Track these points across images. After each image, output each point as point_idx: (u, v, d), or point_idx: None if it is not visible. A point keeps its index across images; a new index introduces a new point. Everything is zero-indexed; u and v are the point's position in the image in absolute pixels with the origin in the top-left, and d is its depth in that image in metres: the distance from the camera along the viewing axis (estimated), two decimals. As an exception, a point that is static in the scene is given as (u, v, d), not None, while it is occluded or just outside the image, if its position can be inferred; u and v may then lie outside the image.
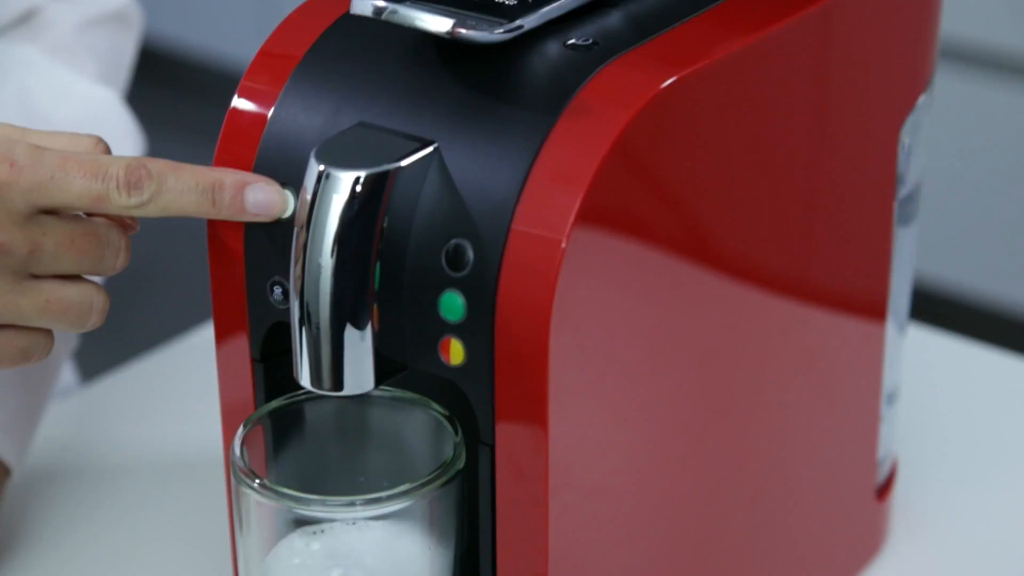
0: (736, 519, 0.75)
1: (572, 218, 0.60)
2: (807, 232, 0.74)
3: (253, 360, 0.69)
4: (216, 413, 0.73)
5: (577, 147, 0.61)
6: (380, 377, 0.64)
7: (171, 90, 2.93)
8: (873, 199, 0.78)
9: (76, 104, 0.93)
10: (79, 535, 0.90)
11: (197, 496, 0.93)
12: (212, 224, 0.67)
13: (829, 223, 0.75)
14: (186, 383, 1.02)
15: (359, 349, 0.63)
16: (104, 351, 0.99)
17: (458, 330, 0.62)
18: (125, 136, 0.94)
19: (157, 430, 0.99)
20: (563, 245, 0.60)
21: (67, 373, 1.06)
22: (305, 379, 0.64)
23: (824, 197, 0.74)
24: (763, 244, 0.71)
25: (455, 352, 0.63)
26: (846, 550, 0.85)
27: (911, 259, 0.84)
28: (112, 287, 0.97)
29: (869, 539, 0.87)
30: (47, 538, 0.90)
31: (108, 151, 0.67)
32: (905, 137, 0.79)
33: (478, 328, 0.62)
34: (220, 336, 0.70)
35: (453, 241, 0.62)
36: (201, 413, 0.96)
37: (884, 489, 0.87)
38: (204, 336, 1.06)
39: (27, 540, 0.90)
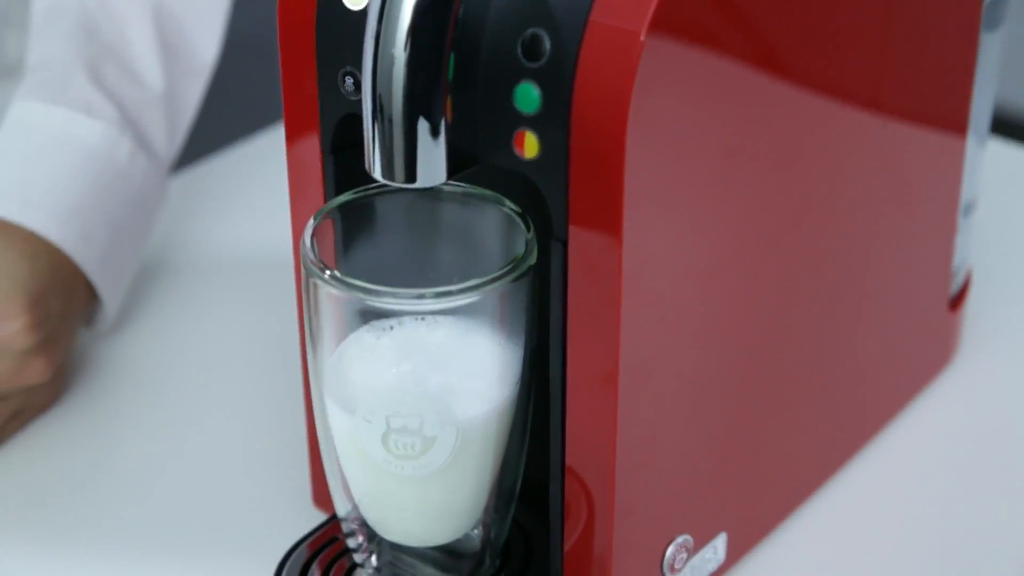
0: (808, 328, 0.74)
1: (652, 10, 0.59)
2: (888, 36, 0.72)
3: (323, 153, 0.68)
4: (286, 212, 0.72)
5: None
6: (452, 170, 0.63)
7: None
8: (959, 1, 0.76)
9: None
10: (149, 328, 0.91)
11: (267, 295, 0.93)
12: (283, 13, 0.66)
13: (912, 26, 0.73)
14: (257, 182, 1.02)
15: (432, 141, 0.62)
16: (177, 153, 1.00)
17: (533, 122, 0.61)
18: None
19: (227, 229, 0.99)
20: (642, 38, 0.59)
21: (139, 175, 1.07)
22: (377, 171, 0.63)
23: (908, -1, 0.73)
24: (842, 50, 0.69)
25: (529, 145, 0.62)
26: (917, 360, 0.85)
27: (995, 67, 0.83)
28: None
29: (940, 350, 0.86)
30: (118, 328, 0.91)
31: None
32: (995, -63, 0.77)
33: (553, 120, 0.61)
34: (291, 129, 0.69)
35: (529, 30, 0.60)
36: (272, 212, 0.96)
37: (957, 300, 0.87)
38: (275, 135, 1.06)
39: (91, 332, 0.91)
